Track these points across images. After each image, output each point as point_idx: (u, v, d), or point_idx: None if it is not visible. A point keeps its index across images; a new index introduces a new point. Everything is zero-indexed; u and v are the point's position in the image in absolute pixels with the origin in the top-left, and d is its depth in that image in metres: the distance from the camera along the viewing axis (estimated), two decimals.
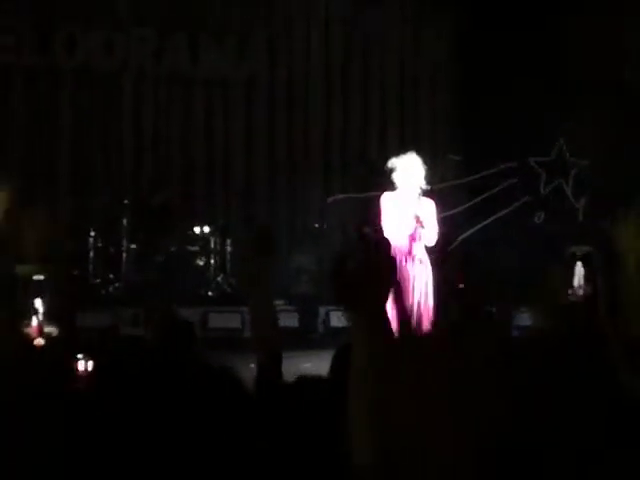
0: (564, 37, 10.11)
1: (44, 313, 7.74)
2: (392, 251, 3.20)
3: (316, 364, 5.09)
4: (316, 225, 10.24)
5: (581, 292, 7.06)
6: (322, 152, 11.07)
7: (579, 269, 7.65)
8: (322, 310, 9.21)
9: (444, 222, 6.95)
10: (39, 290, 8.15)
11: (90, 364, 3.39)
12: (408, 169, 6.58)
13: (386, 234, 6.41)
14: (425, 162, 6.67)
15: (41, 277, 8.41)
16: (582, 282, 7.44)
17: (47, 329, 7.66)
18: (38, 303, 7.75)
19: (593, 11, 9.89)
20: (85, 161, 10.36)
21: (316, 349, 7.27)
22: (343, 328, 8.50)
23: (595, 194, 10.31)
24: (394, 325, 2.79)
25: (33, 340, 6.76)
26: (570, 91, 10.09)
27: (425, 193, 6.60)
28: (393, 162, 6.64)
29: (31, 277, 8.18)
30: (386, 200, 6.59)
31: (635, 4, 10.02)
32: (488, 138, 10.25)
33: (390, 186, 6.65)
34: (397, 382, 1.91)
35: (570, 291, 7.25)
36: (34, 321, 7.72)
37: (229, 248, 9.79)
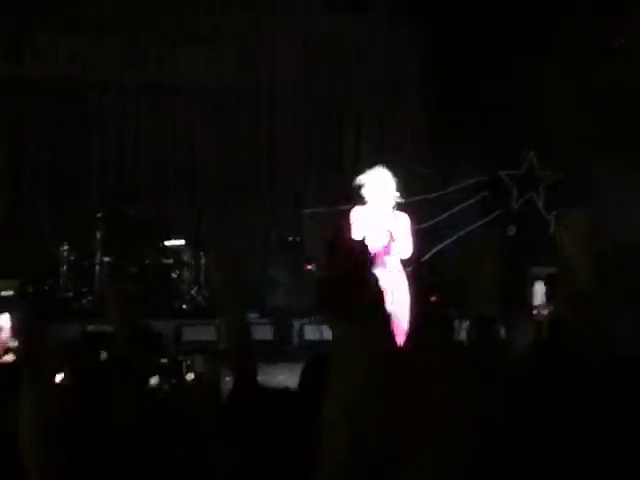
0: (541, 41, 10.17)
1: (11, 328, 7.71)
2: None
3: (290, 377, 5.12)
4: (290, 238, 10.26)
5: (545, 311, 7.15)
6: (297, 163, 11.10)
7: (540, 288, 7.74)
8: (297, 323, 9.23)
9: (416, 235, 7.00)
10: (7, 306, 8.12)
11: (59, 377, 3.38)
12: (377, 184, 6.62)
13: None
14: (397, 175, 6.72)
15: (9, 293, 8.39)
16: (544, 301, 7.55)
17: (13, 344, 7.63)
18: (4, 319, 7.71)
19: (565, 17, 9.99)
20: (57, 173, 10.33)
21: (290, 362, 7.28)
22: (317, 341, 8.53)
23: (567, 206, 10.40)
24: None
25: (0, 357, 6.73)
26: (540, 103, 10.19)
27: (399, 206, 6.65)
28: (361, 178, 6.68)
29: None
30: (356, 215, 6.63)
31: (603, 8, 10.09)
32: (459, 151, 10.33)
33: (361, 200, 6.70)
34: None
35: (535, 311, 7.35)
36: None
37: (203, 260, 9.79)
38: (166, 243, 9.70)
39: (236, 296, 2.48)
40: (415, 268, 6.94)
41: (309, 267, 9.98)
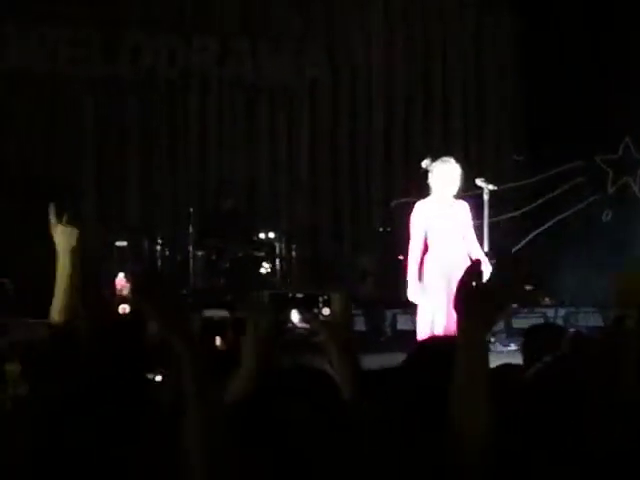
0: (632, 32, 9.95)
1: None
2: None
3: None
4: (380, 229, 10.23)
5: None
6: (385, 154, 11.06)
7: None
8: (389, 313, 9.19)
9: (511, 223, 6.90)
10: (122, 256, 8.51)
11: None
12: (444, 175, 6.56)
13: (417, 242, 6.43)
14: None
15: (124, 243, 8.75)
16: None
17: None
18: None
19: None
20: (152, 168, 10.50)
21: (384, 352, 7.24)
22: (410, 331, 8.49)
23: None
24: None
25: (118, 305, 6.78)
26: (637, 88, 9.94)
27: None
28: (428, 164, 6.62)
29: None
30: (421, 208, 6.59)
31: None
32: (554, 137, 10.14)
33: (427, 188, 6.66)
34: None
35: None
36: (120, 276, 7.94)
37: (294, 253, 9.82)
38: (258, 236, 9.76)
39: (349, 335, 2.49)
40: (505, 258, 6.84)
41: (400, 257, 9.92)
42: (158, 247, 9.44)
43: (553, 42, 10.24)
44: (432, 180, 6.60)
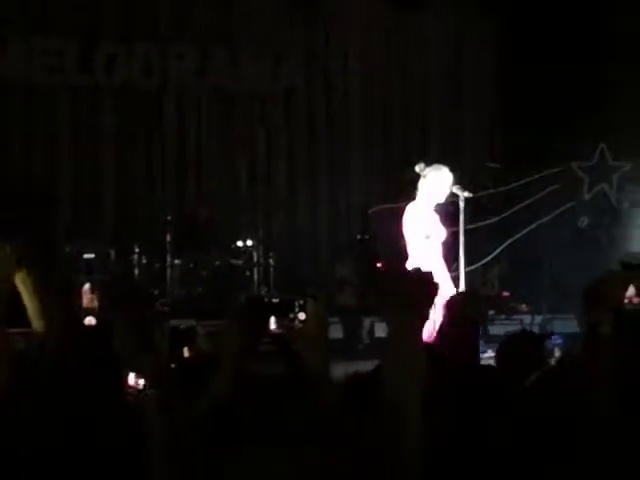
0: (606, 38, 10.04)
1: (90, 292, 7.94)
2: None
3: None
4: (358, 236, 10.24)
5: (636, 300, 6.97)
6: (363, 162, 11.08)
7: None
8: (367, 321, 9.19)
9: (487, 229, 6.93)
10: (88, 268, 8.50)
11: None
12: (438, 181, 6.59)
13: (412, 246, 6.44)
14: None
15: (91, 255, 8.74)
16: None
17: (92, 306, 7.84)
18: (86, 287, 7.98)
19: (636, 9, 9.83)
20: (128, 177, 10.47)
21: (361, 359, 7.25)
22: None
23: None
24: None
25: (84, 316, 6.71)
26: (611, 94, 10.01)
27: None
28: (423, 168, 6.65)
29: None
30: (411, 210, 6.60)
31: None
32: (530, 144, 10.20)
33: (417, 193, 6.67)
34: None
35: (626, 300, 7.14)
36: (86, 287, 7.91)
37: (272, 261, 9.82)
38: (236, 244, 9.75)
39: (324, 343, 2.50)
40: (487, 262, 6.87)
41: (379, 265, 9.93)
42: (135, 255, 9.41)
43: (529, 49, 10.31)
44: (424, 185, 6.59)
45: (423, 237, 6.48)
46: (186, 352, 3.30)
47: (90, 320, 6.43)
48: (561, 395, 2.30)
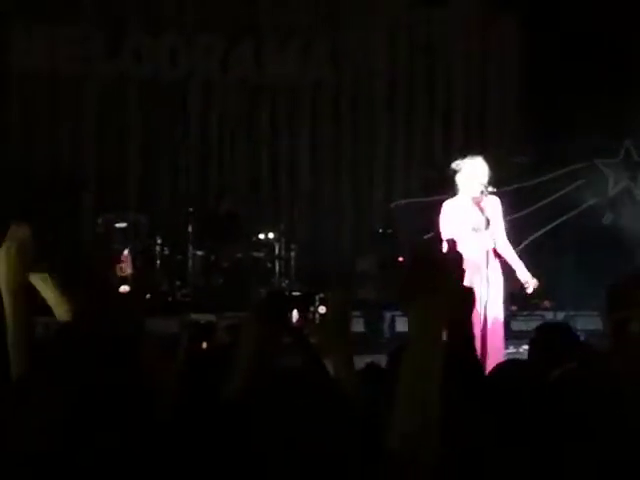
0: (635, 34, 9.94)
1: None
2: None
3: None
4: (380, 230, 10.21)
5: None
6: (386, 155, 11.04)
7: None
8: (388, 315, 9.17)
9: (511, 225, 6.87)
10: (123, 237, 8.60)
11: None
12: (474, 171, 6.52)
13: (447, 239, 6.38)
14: (491, 165, 6.61)
15: (123, 225, 8.84)
16: None
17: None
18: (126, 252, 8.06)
19: None
20: (152, 169, 10.49)
21: (382, 354, 7.23)
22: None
23: None
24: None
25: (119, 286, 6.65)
26: (638, 90, 9.92)
27: (493, 195, 6.55)
28: (459, 163, 6.60)
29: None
30: (448, 206, 6.54)
31: None
32: (555, 140, 10.12)
33: (453, 189, 6.60)
34: None
35: None
36: (125, 253, 7.97)
37: (293, 254, 9.80)
38: (257, 236, 9.74)
39: (346, 335, 2.49)
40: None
41: (401, 259, 9.89)
42: (157, 247, 9.42)
43: (556, 45, 10.22)
44: (460, 179, 6.54)
45: (470, 230, 6.41)
46: (204, 346, 3.30)
47: (124, 288, 6.45)
48: (586, 391, 2.27)
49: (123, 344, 2.18)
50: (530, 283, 6.60)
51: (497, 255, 6.53)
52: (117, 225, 9.17)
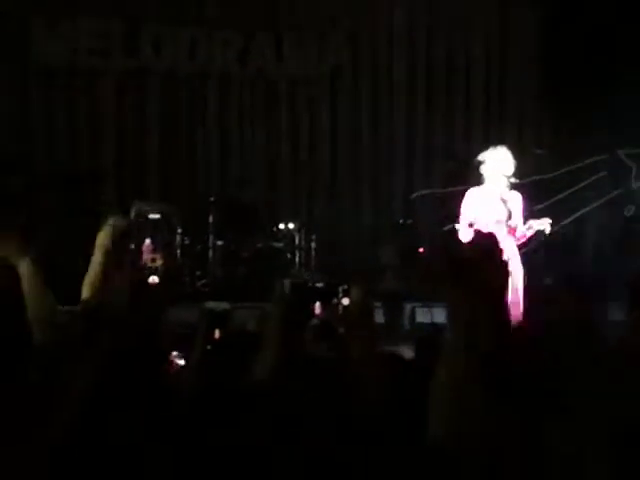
0: None
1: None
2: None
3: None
4: (400, 221, 10.20)
5: None
6: (406, 147, 11.02)
7: None
8: (408, 306, 9.17)
9: (531, 217, 6.86)
10: (151, 228, 8.59)
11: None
12: (499, 162, 6.52)
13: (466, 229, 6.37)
14: (513, 156, 6.61)
15: (156, 216, 8.82)
16: None
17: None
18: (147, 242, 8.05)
19: None
20: (172, 160, 10.52)
21: (402, 345, 7.23)
22: (429, 324, 8.46)
23: None
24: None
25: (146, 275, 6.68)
26: None
27: (514, 187, 6.54)
28: (484, 154, 6.59)
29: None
30: (471, 194, 6.54)
31: None
32: (576, 131, 10.07)
33: (476, 180, 6.59)
34: None
35: None
36: (147, 243, 7.97)
37: (314, 244, 9.82)
38: (277, 227, 9.76)
39: (370, 327, 2.51)
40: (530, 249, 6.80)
41: (421, 250, 9.89)
42: (177, 236, 9.46)
43: (577, 35, 10.17)
44: (486, 169, 6.53)
45: (493, 221, 6.41)
46: (217, 334, 3.32)
47: (154, 279, 6.46)
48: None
49: (147, 337, 2.21)
50: (542, 224, 6.50)
51: (518, 247, 6.53)
52: (150, 216, 9.16)
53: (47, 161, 10.02)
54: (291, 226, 9.78)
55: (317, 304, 2.43)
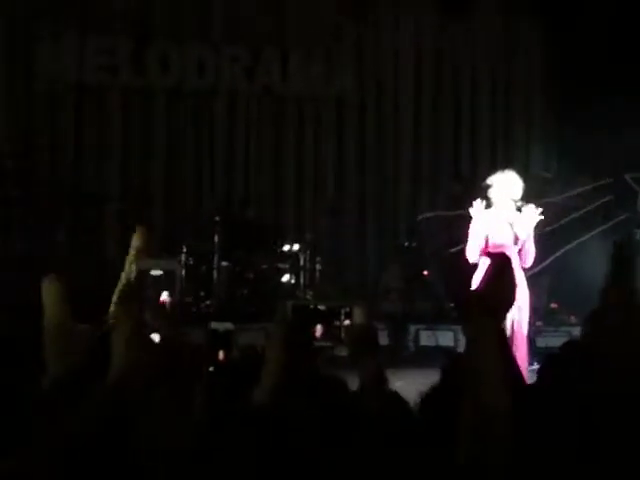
0: None
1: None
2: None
3: (408, 383, 5.03)
4: (405, 243, 10.18)
5: None
6: (412, 169, 11.02)
7: None
8: (412, 328, 9.14)
9: (537, 240, 6.82)
10: (156, 285, 8.51)
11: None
12: (507, 186, 6.50)
13: (473, 252, 6.35)
14: (520, 179, 6.58)
15: (159, 272, 8.75)
16: None
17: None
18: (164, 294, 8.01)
19: None
20: (177, 179, 10.52)
21: (406, 367, 7.19)
22: (433, 347, 8.42)
23: None
24: None
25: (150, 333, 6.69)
26: None
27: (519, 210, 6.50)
28: (492, 178, 6.57)
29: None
30: (478, 215, 6.51)
31: None
32: (582, 154, 10.05)
33: (485, 203, 6.56)
34: None
35: None
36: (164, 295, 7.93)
37: (318, 266, 9.79)
38: (282, 248, 9.73)
39: (372, 348, 2.49)
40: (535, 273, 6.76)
41: (425, 273, 9.86)
42: (182, 256, 9.42)
43: (583, 58, 10.16)
44: (492, 193, 6.51)
45: (498, 245, 6.37)
46: (221, 355, 3.29)
47: (155, 337, 6.42)
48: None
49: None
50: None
51: (523, 270, 6.48)
52: (152, 272, 9.06)
53: (51, 176, 10.03)
54: (296, 247, 9.75)
55: (319, 326, 2.40)
